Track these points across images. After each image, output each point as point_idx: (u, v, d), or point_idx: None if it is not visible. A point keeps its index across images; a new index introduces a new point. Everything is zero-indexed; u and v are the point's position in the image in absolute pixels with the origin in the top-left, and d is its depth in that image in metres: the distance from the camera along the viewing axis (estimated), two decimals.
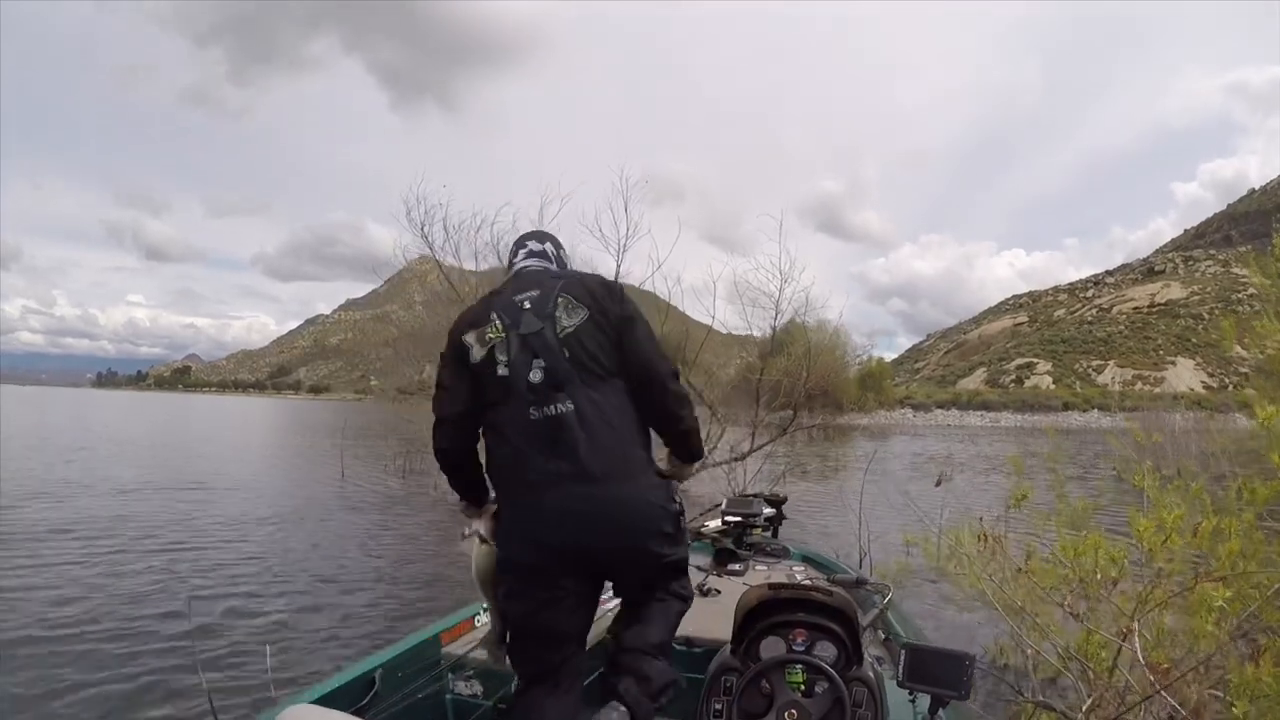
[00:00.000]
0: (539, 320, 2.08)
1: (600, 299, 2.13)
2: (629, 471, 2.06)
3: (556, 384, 2.02)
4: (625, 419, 2.09)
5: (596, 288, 2.16)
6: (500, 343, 2.08)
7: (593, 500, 2.00)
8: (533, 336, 2.06)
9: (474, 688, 2.96)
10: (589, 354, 2.06)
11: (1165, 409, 26.04)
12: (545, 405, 2.01)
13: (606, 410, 2.05)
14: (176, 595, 6.94)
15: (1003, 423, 68.92)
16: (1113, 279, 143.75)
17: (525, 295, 2.13)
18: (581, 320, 2.08)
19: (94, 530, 9.79)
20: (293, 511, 12.15)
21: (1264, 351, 3.99)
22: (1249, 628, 3.02)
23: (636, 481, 2.07)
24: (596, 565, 2.15)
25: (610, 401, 2.06)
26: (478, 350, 2.10)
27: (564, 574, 2.08)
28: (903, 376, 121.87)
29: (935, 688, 2.13)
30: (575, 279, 2.19)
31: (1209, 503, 3.41)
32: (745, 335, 18.16)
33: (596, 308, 2.11)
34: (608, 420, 2.04)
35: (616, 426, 2.05)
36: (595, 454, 2.00)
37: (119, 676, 5.08)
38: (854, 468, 18.71)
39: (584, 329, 2.07)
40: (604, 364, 2.08)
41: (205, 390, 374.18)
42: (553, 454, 2.00)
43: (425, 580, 7.84)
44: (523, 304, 2.11)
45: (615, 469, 2.02)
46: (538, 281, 2.18)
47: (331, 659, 5.55)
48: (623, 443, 2.06)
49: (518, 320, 2.09)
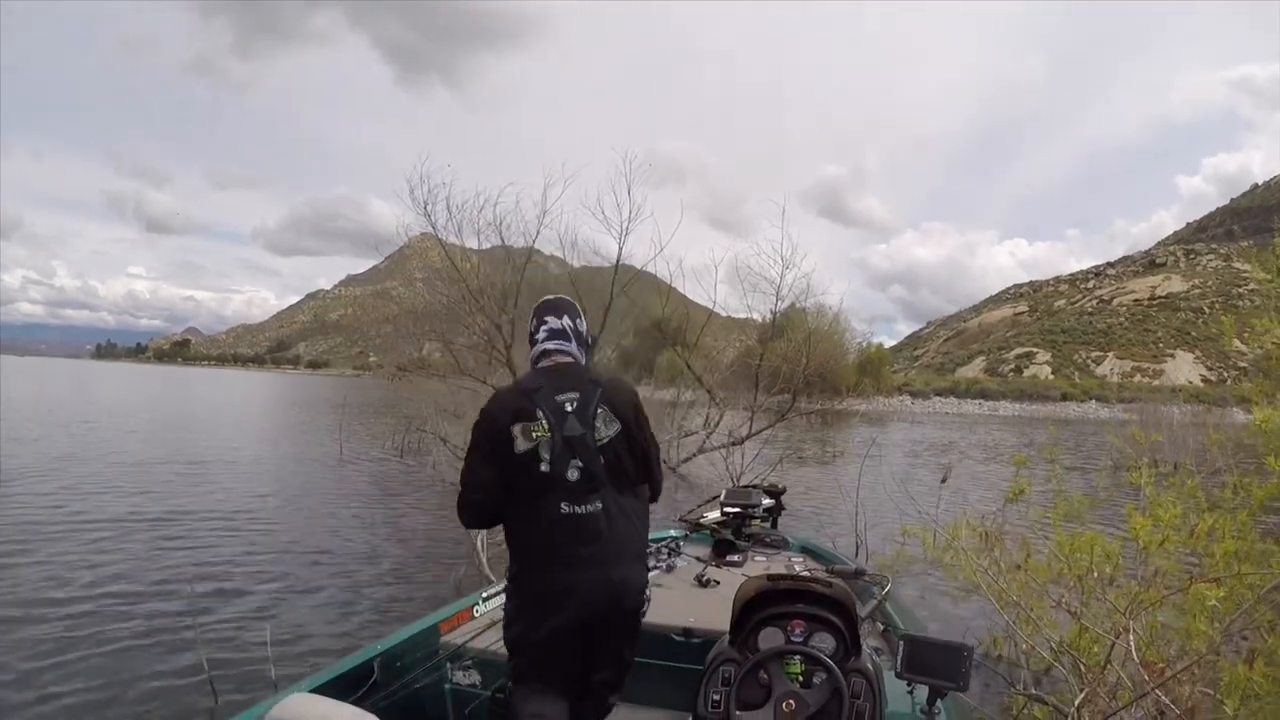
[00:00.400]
0: (581, 426, 2.33)
1: (631, 416, 2.42)
2: (632, 561, 2.42)
3: (592, 486, 2.31)
4: (639, 520, 2.45)
5: (629, 407, 2.44)
6: (545, 441, 2.30)
7: (591, 584, 2.31)
8: (575, 440, 2.32)
9: (472, 678, 2.97)
10: (619, 462, 2.37)
11: (1164, 402, 26.04)
12: (579, 503, 2.30)
13: (627, 511, 2.39)
14: (176, 574, 6.95)
15: (1001, 412, 68.92)
16: (1114, 271, 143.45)
17: (568, 397, 2.36)
18: (616, 433, 2.37)
19: (92, 506, 9.84)
20: (291, 491, 12.18)
21: (1262, 348, 3.99)
22: (1241, 627, 3.03)
23: (635, 569, 2.43)
24: (593, 636, 2.41)
25: (631, 505, 2.41)
26: (522, 443, 2.31)
27: (567, 651, 2.38)
28: (902, 363, 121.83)
29: (933, 679, 2.13)
30: (613, 390, 2.45)
31: (1204, 501, 3.41)
32: (746, 319, 18.15)
33: (631, 422, 2.41)
34: (627, 519, 2.38)
35: (631, 526, 2.40)
36: (612, 546, 2.33)
37: (119, 654, 5.11)
38: (852, 454, 18.72)
39: (618, 440, 2.37)
40: (629, 473, 2.41)
41: (204, 364, 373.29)
42: (579, 543, 2.30)
43: (422, 563, 7.88)
44: (565, 405, 2.35)
45: (624, 559, 2.37)
46: (577, 382, 2.42)
47: (331, 639, 5.58)
48: (633, 540, 2.42)
49: (562, 423, 2.32)
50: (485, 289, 12.65)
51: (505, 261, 13.61)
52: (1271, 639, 2.58)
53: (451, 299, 13.59)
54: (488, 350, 12.74)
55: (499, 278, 13.05)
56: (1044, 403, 75.32)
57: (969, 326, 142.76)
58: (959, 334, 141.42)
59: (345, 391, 32.25)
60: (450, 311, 13.61)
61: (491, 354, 12.69)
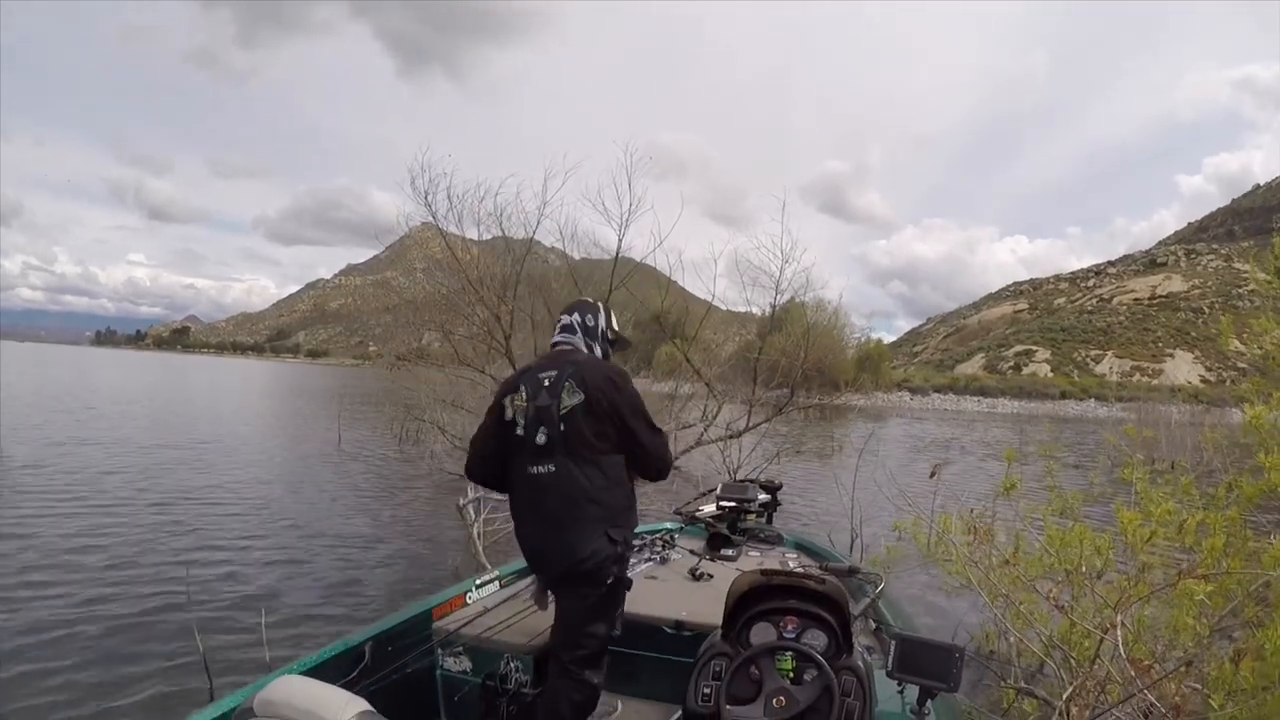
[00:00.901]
0: (549, 397, 2.65)
1: (600, 389, 2.66)
2: (586, 524, 2.60)
3: (550, 449, 2.62)
4: (597, 486, 2.63)
5: (598, 379, 2.69)
6: (521, 409, 2.69)
7: (549, 539, 2.64)
8: (543, 409, 2.64)
9: (463, 664, 2.98)
10: (579, 430, 2.61)
11: (1162, 401, 26.05)
12: (540, 464, 2.64)
13: (582, 476, 2.61)
14: (172, 557, 6.99)
15: (999, 409, 68.95)
16: (1114, 269, 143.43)
17: (547, 373, 2.71)
18: (578, 403, 2.63)
19: (91, 491, 9.87)
20: (290, 477, 12.22)
21: (1261, 349, 3.99)
22: (1229, 625, 3.04)
23: (589, 534, 2.59)
24: (552, 583, 2.77)
25: (589, 472, 2.62)
26: (509, 412, 2.72)
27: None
28: (901, 359, 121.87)
29: (924, 679, 2.13)
30: (586, 368, 2.72)
31: (1198, 497, 3.42)
32: (745, 313, 18.13)
33: (598, 394, 2.64)
34: (581, 484, 2.61)
35: (584, 491, 2.61)
36: (564, 507, 2.61)
37: (114, 634, 5.16)
38: (849, 449, 18.74)
39: (579, 409, 2.62)
40: (590, 441, 2.63)
41: (204, 351, 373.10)
42: (536, 501, 2.67)
43: (420, 550, 7.90)
44: (543, 381, 2.69)
45: (577, 523, 2.60)
46: (559, 362, 2.76)
47: (326, 622, 5.61)
48: (587, 504, 2.61)
49: (537, 394, 2.68)
50: (485, 279, 12.61)
51: (505, 252, 13.58)
52: (1260, 635, 2.60)
53: (451, 289, 13.57)
54: (487, 340, 12.72)
55: (499, 268, 13.02)
56: (1043, 400, 75.39)
57: (969, 323, 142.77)
58: (959, 330, 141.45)
59: (344, 380, 32.29)
60: (450, 301, 13.59)
61: (491, 344, 12.67)
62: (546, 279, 14.78)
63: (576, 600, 2.66)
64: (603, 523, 2.64)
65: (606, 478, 2.67)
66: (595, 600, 2.65)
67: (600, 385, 2.67)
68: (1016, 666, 3.94)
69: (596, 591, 2.64)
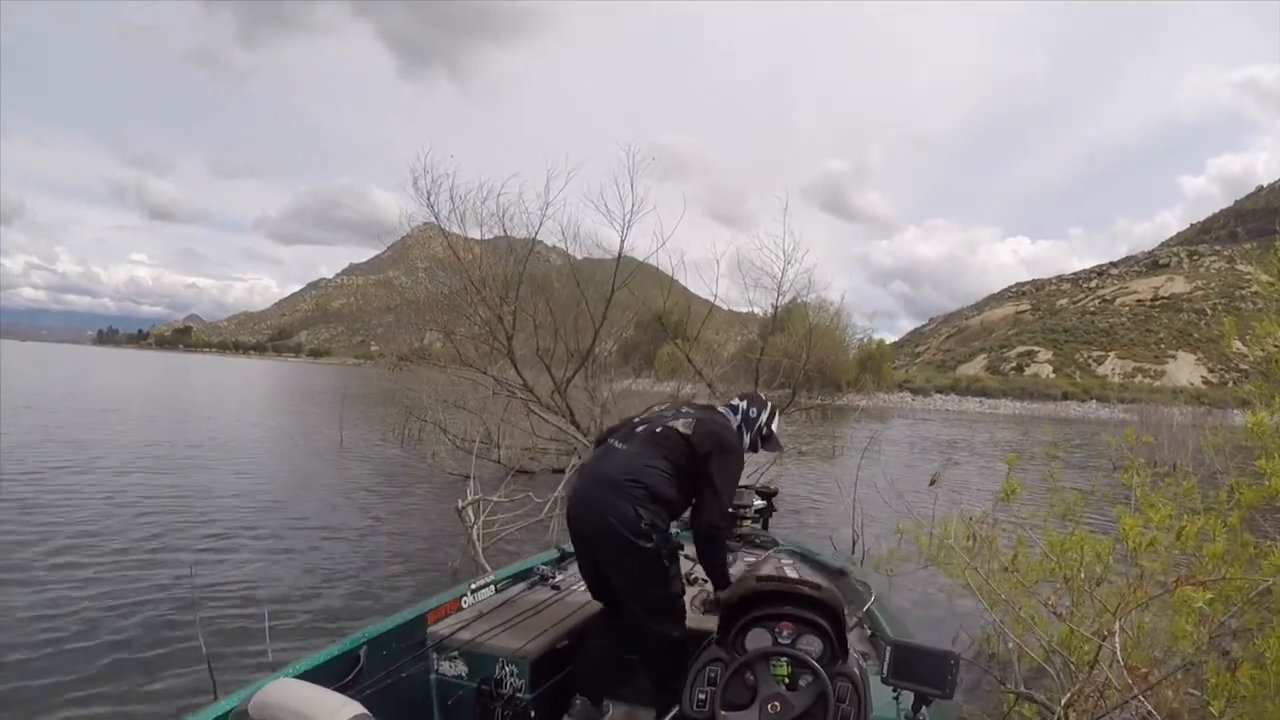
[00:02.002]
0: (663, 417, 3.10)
1: (709, 427, 3.01)
2: (637, 498, 2.77)
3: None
4: (653, 472, 2.84)
5: (713, 422, 3.06)
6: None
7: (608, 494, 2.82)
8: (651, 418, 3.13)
9: (458, 668, 2.98)
10: (667, 435, 2.96)
11: (1164, 403, 26.01)
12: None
13: (646, 455, 2.90)
14: (175, 557, 6.99)
15: (1001, 410, 68.83)
16: (1116, 270, 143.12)
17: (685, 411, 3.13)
18: (695, 437, 2.95)
19: (93, 494, 9.84)
20: (291, 478, 12.22)
21: (1263, 351, 3.98)
22: (1227, 630, 3.03)
23: (635, 502, 2.77)
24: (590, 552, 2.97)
25: (654, 455, 2.90)
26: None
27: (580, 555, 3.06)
28: (903, 360, 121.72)
29: (919, 685, 2.14)
30: (710, 420, 3.09)
31: (1199, 501, 3.41)
32: (747, 313, 18.12)
33: (702, 431, 2.97)
34: (638, 460, 2.88)
35: (645, 470, 2.84)
36: (621, 467, 2.86)
37: (115, 632, 5.15)
38: (851, 450, 18.72)
39: (687, 436, 2.95)
40: (667, 443, 2.93)
41: (206, 351, 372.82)
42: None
43: (419, 552, 7.88)
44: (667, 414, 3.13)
45: (626, 485, 2.79)
46: (697, 409, 3.18)
47: (328, 621, 5.61)
48: (639, 478, 2.82)
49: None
50: (487, 279, 12.62)
51: (508, 252, 13.58)
52: (1260, 642, 2.59)
53: (453, 289, 13.59)
54: (489, 341, 12.73)
55: (501, 268, 13.02)
56: (1045, 402, 75.27)
57: (971, 324, 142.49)
58: (961, 331, 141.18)
59: (346, 380, 32.27)
60: (452, 301, 13.60)
61: (493, 345, 12.68)
62: (549, 279, 14.76)
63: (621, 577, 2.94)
64: (657, 507, 2.84)
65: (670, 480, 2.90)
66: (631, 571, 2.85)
67: (710, 430, 2.99)
68: (1016, 671, 3.94)
69: (628, 562, 2.82)
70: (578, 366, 13.05)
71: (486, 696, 2.87)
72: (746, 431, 3.27)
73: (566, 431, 12.71)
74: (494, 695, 2.87)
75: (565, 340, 13.40)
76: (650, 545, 2.72)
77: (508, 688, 2.87)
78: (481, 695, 2.89)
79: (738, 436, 3.19)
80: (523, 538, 7.53)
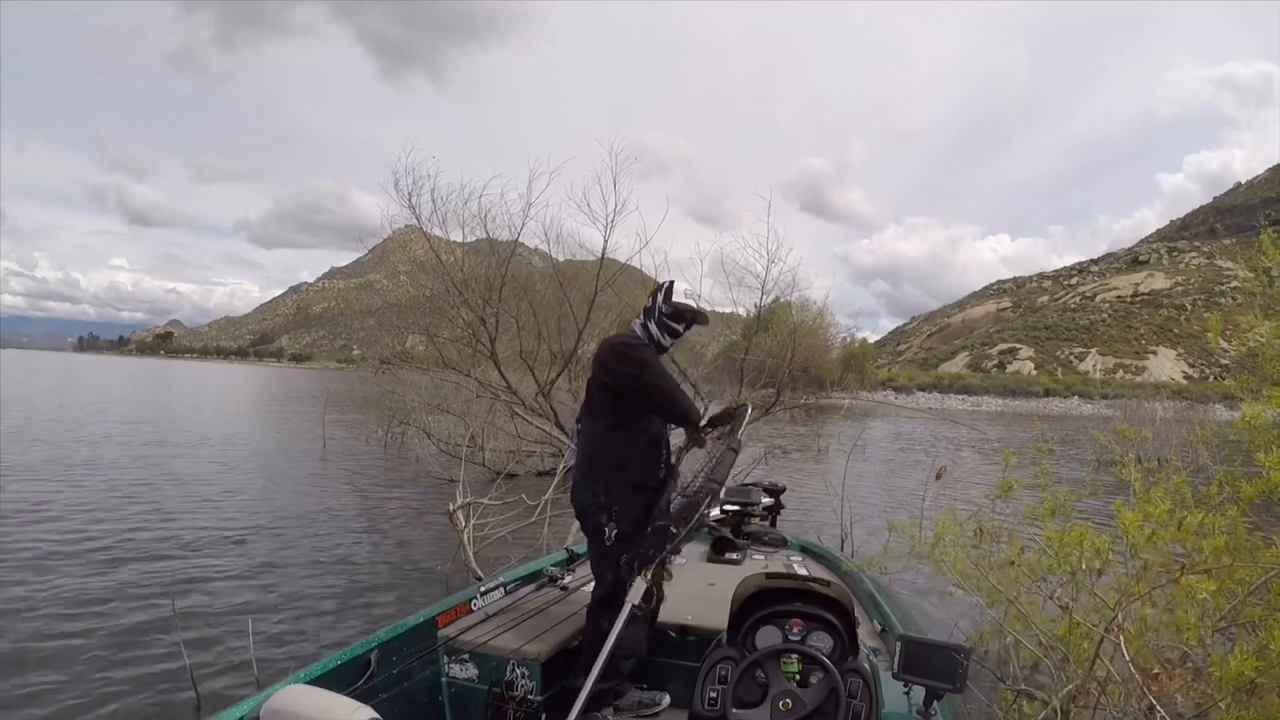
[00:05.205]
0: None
1: (603, 361, 3.07)
2: (589, 473, 3.04)
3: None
4: (594, 444, 3.07)
5: (604, 353, 3.13)
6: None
7: (575, 487, 3.08)
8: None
9: (469, 671, 2.97)
10: (591, 396, 3.11)
11: (1146, 398, 26.31)
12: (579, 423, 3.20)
13: (586, 436, 3.10)
14: (157, 567, 6.91)
15: (984, 407, 69.41)
16: (1097, 267, 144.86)
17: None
18: (594, 372, 3.09)
19: (74, 503, 9.74)
20: (273, 485, 12.10)
21: (1246, 345, 3.98)
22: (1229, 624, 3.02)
23: (589, 479, 3.01)
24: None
25: (589, 432, 3.09)
26: None
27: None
28: (885, 358, 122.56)
29: (930, 680, 2.12)
30: (600, 346, 3.27)
31: (1190, 496, 3.40)
32: (730, 313, 18.14)
33: (599, 367, 3.07)
34: (585, 442, 3.12)
35: (586, 448, 3.10)
36: (579, 458, 3.14)
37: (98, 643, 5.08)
38: (837, 449, 18.79)
39: (593, 378, 3.09)
40: (594, 404, 3.08)
41: (187, 356, 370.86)
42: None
43: (409, 558, 7.81)
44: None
45: (582, 469, 3.07)
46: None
47: (313, 631, 5.55)
48: (589, 458, 3.08)
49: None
50: (469, 282, 12.56)
51: (490, 255, 13.52)
52: (1262, 634, 2.57)
53: (435, 292, 13.53)
54: (471, 343, 12.67)
55: (483, 271, 12.96)
56: (1027, 398, 75.99)
57: (952, 322, 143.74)
58: (942, 329, 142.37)
59: (328, 385, 32.12)
60: (434, 304, 13.55)
61: (476, 347, 12.62)
62: (531, 281, 14.71)
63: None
64: (592, 479, 3.03)
65: (601, 434, 3.05)
66: (597, 547, 3.04)
67: (605, 360, 3.07)
68: (1015, 667, 3.91)
69: (595, 536, 3.02)
70: (561, 368, 13.00)
71: (498, 698, 2.88)
72: (650, 323, 3.11)
73: (551, 434, 12.66)
74: (505, 697, 2.88)
75: (549, 342, 13.35)
76: (607, 527, 2.91)
77: (519, 689, 2.88)
78: (493, 697, 2.90)
79: (639, 336, 3.12)
80: (514, 540, 7.46)
